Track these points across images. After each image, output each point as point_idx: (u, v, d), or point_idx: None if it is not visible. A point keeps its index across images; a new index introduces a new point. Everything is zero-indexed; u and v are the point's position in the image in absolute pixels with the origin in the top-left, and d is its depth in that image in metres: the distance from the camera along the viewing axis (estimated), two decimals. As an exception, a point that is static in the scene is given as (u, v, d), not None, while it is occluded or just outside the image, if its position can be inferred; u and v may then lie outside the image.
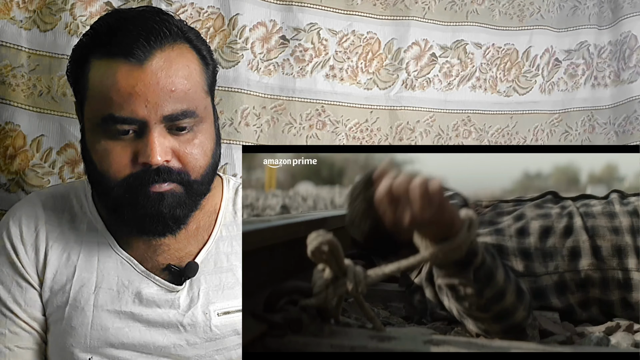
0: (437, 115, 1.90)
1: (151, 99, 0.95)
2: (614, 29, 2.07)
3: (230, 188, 1.19)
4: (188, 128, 1.00)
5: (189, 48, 1.02)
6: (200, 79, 1.03)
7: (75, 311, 1.06)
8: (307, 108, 1.73)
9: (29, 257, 1.08)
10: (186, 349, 1.07)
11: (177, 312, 1.07)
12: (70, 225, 1.10)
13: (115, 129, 0.96)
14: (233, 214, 1.16)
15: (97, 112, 0.98)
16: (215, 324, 1.08)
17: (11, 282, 1.07)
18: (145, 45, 0.95)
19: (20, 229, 1.09)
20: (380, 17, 1.80)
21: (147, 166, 0.97)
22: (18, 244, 1.08)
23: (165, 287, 1.08)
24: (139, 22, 0.98)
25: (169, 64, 0.97)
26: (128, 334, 1.06)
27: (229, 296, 1.10)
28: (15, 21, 1.43)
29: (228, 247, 1.13)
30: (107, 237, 1.10)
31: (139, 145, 0.97)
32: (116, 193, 0.99)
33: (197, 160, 1.01)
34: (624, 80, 2.10)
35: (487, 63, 1.95)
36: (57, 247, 1.09)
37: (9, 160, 1.45)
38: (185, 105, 0.98)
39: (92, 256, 1.09)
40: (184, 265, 1.10)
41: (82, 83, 1.01)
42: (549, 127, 2.05)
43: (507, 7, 1.96)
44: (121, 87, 0.95)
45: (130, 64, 0.95)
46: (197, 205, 1.06)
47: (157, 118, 0.96)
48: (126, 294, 1.07)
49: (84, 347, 1.06)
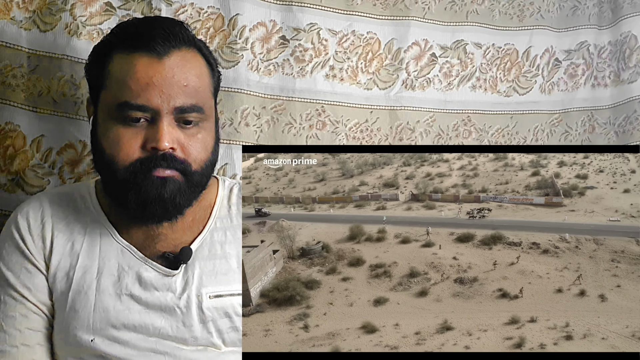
0: (437, 115, 1.90)
1: (166, 90, 1.07)
2: (614, 29, 2.07)
3: (225, 187, 1.28)
4: (194, 123, 1.11)
5: (199, 54, 1.15)
6: (208, 81, 1.16)
7: (79, 295, 1.14)
8: (307, 108, 1.73)
9: (36, 245, 1.16)
10: (183, 330, 1.15)
11: (174, 295, 1.15)
12: (75, 218, 1.19)
13: (129, 116, 1.07)
14: (227, 208, 1.26)
15: (114, 99, 1.08)
16: (206, 306, 1.15)
17: (20, 269, 1.16)
18: (165, 43, 1.08)
19: (28, 221, 1.18)
20: (380, 17, 1.80)
21: (154, 151, 1.08)
22: (26, 234, 1.17)
23: (162, 271, 1.16)
24: (160, 24, 1.11)
25: (184, 62, 1.10)
26: (128, 316, 1.14)
27: (221, 281, 1.18)
28: (15, 21, 1.43)
29: (222, 236, 1.22)
30: (109, 228, 1.18)
31: (149, 133, 1.08)
32: (122, 176, 1.08)
33: (199, 154, 1.12)
34: (624, 80, 2.10)
35: (487, 63, 1.95)
36: (62, 237, 1.17)
37: (9, 161, 1.46)
38: (195, 100, 1.10)
39: (94, 245, 1.17)
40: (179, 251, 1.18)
41: (101, 74, 1.11)
42: (549, 127, 2.05)
43: (507, 7, 1.96)
44: (140, 77, 1.06)
45: (151, 56, 1.07)
46: (195, 196, 1.15)
47: (169, 108, 1.07)
48: (126, 278, 1.15)
49: (87, 329, 1.13)
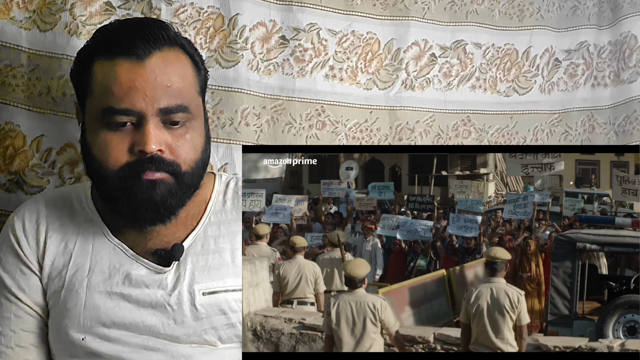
0: (437, 115, 1.90)
1: (149, 92, 1.04)
2: (614, 29, 2.07)
3: (222, 182, 1.26)
4: (181, 123, 1.09)
5: (183, 53, 1.12)
6: (193, 80, 1.13)
7: (70, 294, 1.13)
8: (307, 108, 1.73)
9: (31, 246, 1.16)
10: (174, 328, 1.12)
11: (165, 292, 1.13)
12: (69, 219, 1.18)
13: (114, 121, 1.05)
14: (222, 203, 1.23)
15: (98, 106, 1.06)
16: (200, 302, 1.12)
17: (15, 270, 1.15)
18: (145, 45, 1.06)
19: (23, 223, 1.17)
20: (380, 17, 1.80)
21: (142, 154, 1.05)
22: (21, 235, 1.16)
23: (153, 269, 1.14)
24: (140, 27, 1.09)
25: (166, 63, 1.07)
26: (118, 313, 1.12)
27: (214, 276, 1.15)
28: (15, 21, 1.43)
29: (216, 231, 1.19)
30: (102, 227, 1.17)
31: (136, 137, 1.06)
32: (112, 182, 1.07)
33: (188, 154, 1.10)
34: (623, 80, 2.10)
35: (487, 63, 1.95)
36: (56, 238, 1.16)
37: (9, 160, 1.46)
38: (180, 101, 1.07)
39: (87, 244, 1.16)
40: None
41: (85, 81, 1.09)
42: (549, 127, 2.05)
43: (507, 7, 1.96)
44: (122, 82, 1.04)
45: (131, 60, 1.05)
46: (188, 197, 1.13)
47: (153, 110, 1.05)
48: (117, 276, 1.13)
49: (77, 327, 1.12)
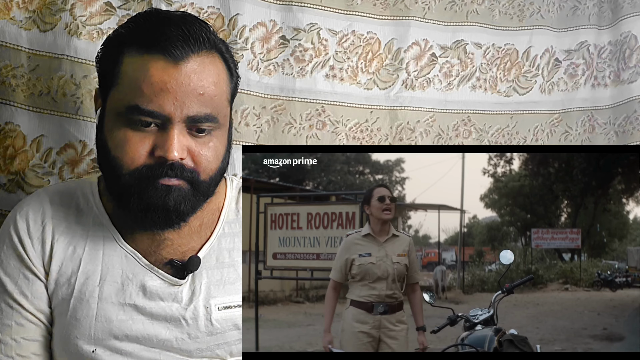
0: (437, 115, 1.90)
1: (180, 97, 0.99)
2: (614, 29, 2.07)
3: (233, 187, 1.22)
4: (207, 131, 1.03)
5: (219, 59, 1.06)
6: (225, 89, 1.07)
7: (80, 303, 1.08)
8: (307, 108, 1.73)
9: (36, 250, 1.09)
10: (188, 342, 1.09)
11: (180, 306, 1.09)
12: (76, 220, 1.12)
13: (138, 120, 1.00)
14: (236, 212, 1.19)
15: (124, 101, 1.01)
16: (215, 317, 1.10)
17: (18, 275, 1.09)
18: (183, 46, 0.99)
19: (27, 223, 1.11)
20: (380, 17, 1.80)
21: (162, 160, 1.00)
22: (25, 237, 1.10)
23: (168, 280, 1.10)
24: (180, 24, 1.02)
25: (202, 68, 1.01)
26: (132, 326, 1.08)
27: (230, 291, 1.12)
28: (15, 21, 1.42)
29: (230, 243, 1.16)
30: (112, 231, 1.12)
31: (159, 140, 1.00)
32: (126, 181, 1.02)
33: (210, 163, 1.05)
34: (624, 80, 2.09)
35: (487, 63, 1.95)
36: (63, 241, 1.10)
37: (9, 160, 1.45)
38: (210, 110, 1.02)
39: (97, 249, 1.10)
40: (187, 259, 1.11)
41: (111, 71, 1.03)
42: (549, 127, 2.05)
43: (507, 7, 1.96)
44: (154, 81, 0.98)
45: (167, 60, 0.99)
46: (200, 204, 1.09)
47: (181, 117, 1.00)
48: (130, 287, 1.09)
49: (88, 339, 1.07)
